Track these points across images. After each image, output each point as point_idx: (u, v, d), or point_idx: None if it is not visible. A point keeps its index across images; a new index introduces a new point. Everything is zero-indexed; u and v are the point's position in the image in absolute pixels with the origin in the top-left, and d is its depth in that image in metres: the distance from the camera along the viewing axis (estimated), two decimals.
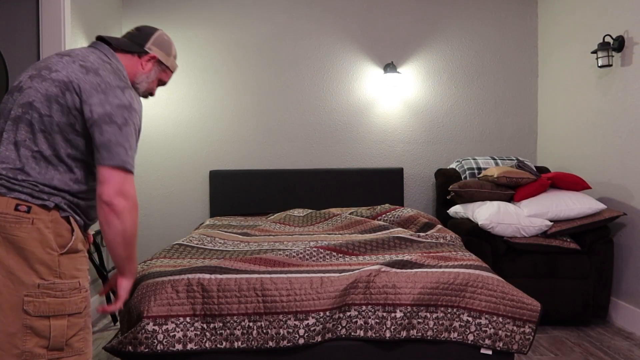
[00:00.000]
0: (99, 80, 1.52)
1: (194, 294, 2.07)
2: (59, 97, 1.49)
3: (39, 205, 1.43)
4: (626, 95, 3.28)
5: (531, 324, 2.11)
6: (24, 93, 1.51)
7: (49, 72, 1.52)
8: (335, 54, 4.36)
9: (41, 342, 1.41)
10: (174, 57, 1.83)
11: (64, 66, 1.53)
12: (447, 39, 4.38)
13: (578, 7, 3.80)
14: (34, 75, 1.54)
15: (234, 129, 4.35)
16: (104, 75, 1.54)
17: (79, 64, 1.54)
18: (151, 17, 4.29)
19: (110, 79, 1.54)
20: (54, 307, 1.42)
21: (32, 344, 1.40)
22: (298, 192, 4.22)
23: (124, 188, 1.51)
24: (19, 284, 1.39)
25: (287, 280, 2.11)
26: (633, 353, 2.83)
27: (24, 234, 1.40)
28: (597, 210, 3.23)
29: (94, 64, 1.55)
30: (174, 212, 4.34)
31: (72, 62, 1.54)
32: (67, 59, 1.55)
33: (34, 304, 1.39)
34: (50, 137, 1.48)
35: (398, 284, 2.13)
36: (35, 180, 1.45)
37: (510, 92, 4.43)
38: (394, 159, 4.40)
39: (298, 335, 2.04)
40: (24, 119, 1.48)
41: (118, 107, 1.51)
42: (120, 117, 1.50)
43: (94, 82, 1.51)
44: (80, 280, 1.49)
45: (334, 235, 3.09)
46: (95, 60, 1.57)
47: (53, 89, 1.49)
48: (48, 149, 1.48)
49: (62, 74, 1.51)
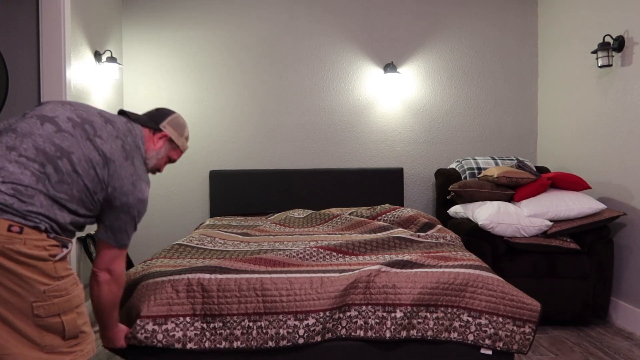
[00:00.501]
0: (132, 171, 1.68)
1: (194, 294, 2.07)
2: (97, 166, 1.61)
3: (31, 227, 1.49)
4: (626, 95, 3.28)
5: (531, 324, 2.11)
6: (63, 135, 1.58)
7: (93, 132, 1.63)
8: (335, 54, 4.36)
9: (57, 336, 1.52)
10: (185, 138, 1.98)
11: (108, 137, 1.66)
12: (447, 39, 4.38)
13: (578, 7, 3.80)
14: (76, 124, 1.62)
15: (234, 129, 4.35)
16: (137, 166, 1.71)
17: (121, 144, 1.68)
18: (151, 17, 4.29)
19: (141, 171, 1.72)
20: (63, 305, 1.52)
21: (50, 338, 1.50)
22: (298, 192, 4.22)
23: (112, 265, 1.74)
24: (26, 293, 1.46)
25: (287, 280, 2.11)
26: (633, 353, 2.83)
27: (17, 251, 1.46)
28: (597, 210, 3.23)
29: (132, 149, 1.71)
30: (174, 212, 4.34)
31: (116, 137, 1.68)
32: (110, 129, 1.68)
33: (44, 307, 1.48)
34: (69, 190, 1.57)
35: (398, 284, 2.12)
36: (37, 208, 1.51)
37: (510, 92, 4.43)
38: (394, 159, 4.40)
39: (298, 335, 2.04)
40: (54, 161, 1.54)
41: (139, 201, 1.70)
42: (135, 211, 1.70)
43: (129, 172, 1.67)
44: (74, 275, 1.61)
45: (334, 236, 3.09)
46: (132, 144, 1.73)
47: (96, 156, 1.61)
48: (63, 197, 1.56)
49: (106, 147, 1.64)
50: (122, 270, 1.78)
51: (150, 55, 4.31)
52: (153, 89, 4.32)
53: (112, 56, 3.81)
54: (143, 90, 4.32)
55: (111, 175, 1.63)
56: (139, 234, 4.31)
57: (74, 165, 1.57)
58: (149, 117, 1.89)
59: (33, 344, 1.48)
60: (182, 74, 4.33)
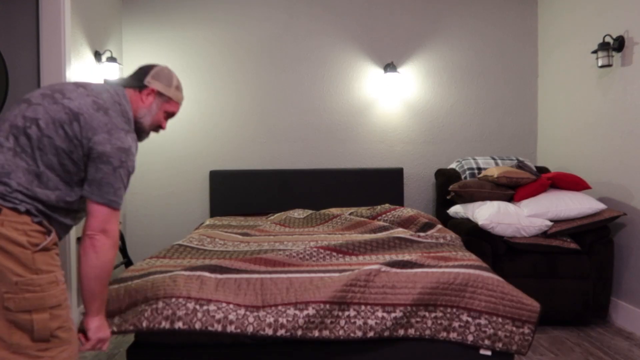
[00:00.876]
0: (106, 120, 1.60)
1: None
2: (65, 124, 1.56)
3: (10, 208, 1.47)
4: (626, 95, 3.27)
5: (530, 324, 2.11)
6: (32, 107, 1.57)
7: (62, 96, 1.60)
8: (335, 54, 4.36)
9: (25, 335, 1.45)
10: (175, 87, 1.88)
11: (78, 96, 1.61)
12: (447, 39, 4.38)
13: (578, 7, 3.79)
14: (46, 95, 1.60)
15: (234, 129, 4.35)
16: (113, 116, 1.62)
17: (92, 99, 1.62)
18: (151, 17, 4.29)
19: (118, 121, 1.63)
20: (34, 302, 1.46)
21: (18, 337, 1.44)
22: (298, 192, 4.22)
23: (107, 226, 1.60)
24: None
25: (288, 280, 2.10)
26: (633, 353, 2.83)
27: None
28: (597, 210, 3.23)
29: (105, 103, 1.64)
30: (174, 212, 4.34)
31: (87, 95, 1.63)
32: (82, 91, 1.64)
33: (14, 300, 1.43)
34: (45, 157, 1.54)
35: (398, 284, 2.12)
36: (15, 185, 1.49)
37: (510, 92, 4.43)
38: (394, 159, 4.40)
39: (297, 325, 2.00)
40: (25, 132, 1.54)
41: (118, 149, 1.59)
42: (116, 160, 1.59)
43: (102, 121, 1.59)
44: (56, 274, 1.54)
45: (334, 236, 3.09)
46: (108, 99, 1.66)
47: (62, 115, 1.57)
48: (42, 166, 1.54)
49: (74, 103, 1.59)
50: (117, 233, 1.64)
51: (150, 55, 4.31)
52: None
53: (112, 56, 3.82)
54: None
55: (82, 127, 1.56)
56: (139, 234, 4.32)
57: (42, 130, 1.54)
58: (132, 77, 1.83)
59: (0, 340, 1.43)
60: (182, 74, 4.32)
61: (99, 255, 1.58)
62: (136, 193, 4.32)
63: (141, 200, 4.32)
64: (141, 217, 4.32)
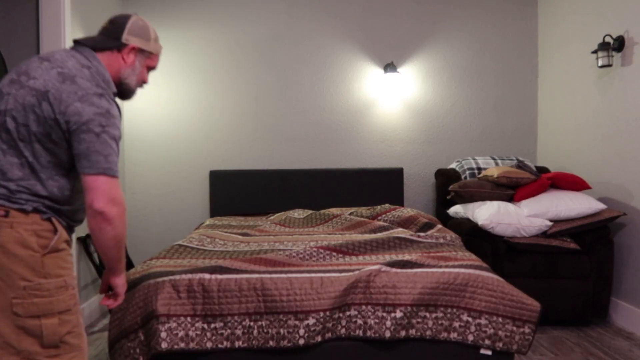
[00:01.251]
0: (75, 89, 1.49)
1: (194, 294, 2.07)
2: (35, 107, 1.48)
3: (17, 209, 1.45)
4: (626, 95, 3.28)
5: (531, 324, 2.11)
6: (4, 99, 1.51)
7: (27, 78, 1.51)
8: (335, 54, 4.36)
9: (35, 340, 1.43)
10: (154, 40, 1.75)
11: (42, 73, 1.51)
12: (447, 39, 4.38)
13: (578, 7, 3.80)
14: (13, 81, 1.53)
15: (234, 129, 4.35)
16: (81, 83, 1.51)
17: (57, 71, 1.51)
18: (151, 17, 4.29)
19: (87, 86, 1.51)
20: (43, 307, 1.44)
21: (28, 343, 1.42)
22: (298, 192, 4.22)
23: (113, 195, 1.50)
24: (6, 287, 1.41)
25: (288, 280, 2.11)
26: (633, 353, 2.83)
27: (3, 237, 1.42)
28: (597, 210, 3.23)
29: (71, 70, 1.52)
30: (174, 212, 4.34)
31: (51, 68, 1.52)
32: (46, 65, 1.53)
33: (23, 305, 1.41)
34: (29, 146, 1.48)
35: (398, 284, 2.13)
36: (15, 185, 1.47)
37: (510, 92, 4.43)
38: (394, 159, 4.40)
39: (298, 335, 2.04)
40: (4, 127, 1.49)
41: (95, 114, 1.49)
42: (97, 126, 1.48)
43: (71, 91, 1.49)
44: (66, 279, 1.50)
45: (334, 236, 3.10)
46: (74, 66, 1.54)
47: (30, 98, 1.48)
48: (30, 157, 1.49)
49: (39, 82, 1.49)
50: (123, 198, 1.55)
51: None
52: (153, 89, 4.32)
53: None
54: (143, 90, 4.32)
55: (53, 104, 1.47)
56: (139, 234, 4.32)
57: (17, 120, 1.48)
58: (107, 34, 1.67)
59: (9, 346, 1.41)
60: (182, 74, 4.33)
61: (114, 226, 1.51)
62: (136, 193, 4.32)
63: (141, 200, 4.32)
64: (141, 217, 4.32)
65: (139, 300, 2.10)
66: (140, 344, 2.04)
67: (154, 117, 4.31)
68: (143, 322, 2.06)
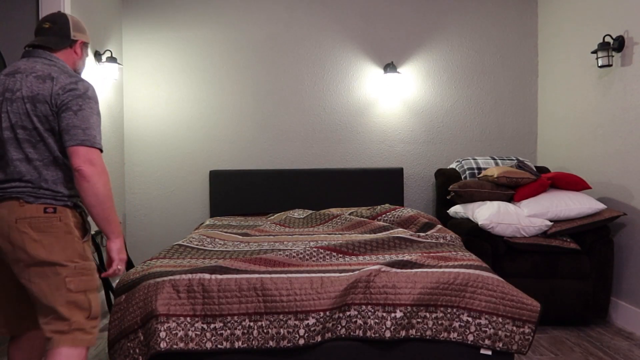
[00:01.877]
0: (53, 83, 1.76)
1: (194, 294, 2.07)
2: (33, 111, 1.75)
3: (62, 206, 1.78)
4: (626, 95, 3.28)
5: (531, 324, 2.11)
6: (2, 119, 1.77)
7: (12, 93, 1.77)
8: (335, 54, 4.36)
9: (84, 313, 1.76)
10: (87, 30, 2.05)
11: (22, 83, 1.77)
12: (447, 39, 4.38)
13: (578, 7, 3.80)
14: (1, 102, 1.78)
15: (234, 129, 4.35)
16: (57, 77, 1.78)
17: (32, 77, 1.77)
18: (151, 17, 4.29)
19: (63, 77, 1.78)
20: (87, 284, 1.78)
21: (77, 316, 1.74)
22: (298, 192, 4.22)
23: (90, 157, 1.75)
24: (61, 269, 1.73)
25: (287, 280, 2.11)
26: (633, 353, 2.83)
27: (56, 229, 1.75)
28: (597, 210, 3.23)
29: (44, 71, 1.79)
30: (174, 212, 4.34)
31: (26, 76, 1.78)
32: (19, 76, 1.78)
33: (74, 282, 1.74)
34: (45, 144, 1.77)
35: (398, 284, 2.13)
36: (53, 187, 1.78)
37: (510, 92, 4.43)
38: (394, 159, 4.40)
39: (298, 335, 2.04)
40: (19, 139, 1.76)
41: (73, 97, 1.75)
42: (74, 105, 1.75)
43: (50, 86, 1.76)
44: (92, 263, 1.83)
45: (334, 236, 3.09)
46: (43, 68, 1.80)
47: (25, 105, 1.75)
48: (51, 153, 1.78)
49: (25, 91, 1.75)
50: (103, 163, 1.79)
51: (150, 55, 4.31)
52: (153, 89, 4.32)
53: (112, 56, 3.81)
54: (143, 90, 4.32)
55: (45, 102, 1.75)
56: (139, 234, 4.32)
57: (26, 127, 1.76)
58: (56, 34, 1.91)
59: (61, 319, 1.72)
60: (182, 74, 4.33)
61: (91, 183, 1.74)
62: (136, 193, 4.32)
63: (141, 200, 4.32)
64: (141, 217, 4.32)
65: (138, 300, 2.10)
66: (140, 343, 2.04)
67: (154, 117, 4.31)
68: (143, 322, 2.06)
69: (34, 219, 1.73)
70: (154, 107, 4.32)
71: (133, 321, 2.08)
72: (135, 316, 2.08)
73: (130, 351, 2.05)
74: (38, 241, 1.71)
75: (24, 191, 1.75)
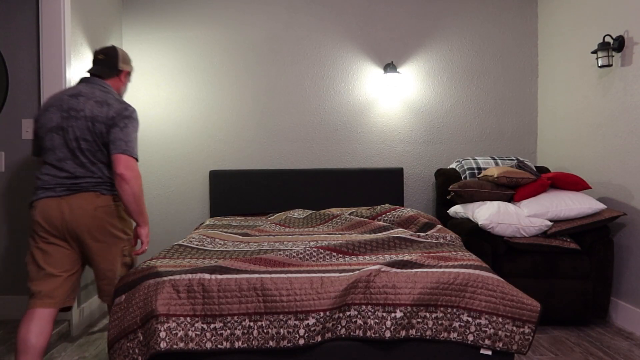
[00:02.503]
0: (109, 109, 2.27)
1: (194, 294, 2.07)
2: (91, 128, 2.25)
3: (112, 195, 2.32)
4: (626, 95, 3.28)
5: (531, 324, 2.11)
6: (69, 131, 2.24)
7: (77, 112, 2.25)
8: (335, 54, 4.36)
9: (126, 269, 2.39)
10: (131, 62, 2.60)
11: (85, 105, 2.26)
12: (447, 39, 4.38)
13: (578, 7, 3.80)
14: (66, 117, 2.25)
15: (234, 129, 4.35)
16: (112, 103, 2.29)
17: (94, 101, 2.27)
18: (151, 17, 4.29)
19: (115, 102, 2.30)
20: (131, 249, 2.43)
21: (123, 271, 2.37)
22: (298, 192, 4.22)
23: (129, 164, 2.24)
24: (120, 241, 2.35)
25: (287, 280, 2.11)
26: (633, 353, 2.83)
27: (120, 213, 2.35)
28: (597, 210, 3.23)
29: (102, 97, 2.30)
30: (174, 212, 4.34)
31: (88, 100, 2.27)
32: (83, 99, 2.27)
33: (127, 249, 2.40)
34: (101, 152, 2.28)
35: (398, 284, 2.12)
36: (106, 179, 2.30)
37: (510, 92, 4.43)
38: (394, 159, 4.40)
39: (298, 336, 2.04)
40: (82, 148, 2.25)
41: (121, 118, 2.27)
42: (121, 123, 2.26)
43: (107, 110, 2.26)
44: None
45: (334, 236, 3.09)
46: (101, 95, 2.31)
47: (88, 123, 2.24)
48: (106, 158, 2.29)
49: (87, 112, 2.25)
50: (138, 169, 2.28)
51: (150, 55, 4.31)
52: (153, 89, 4.32)
53: None
54: (143, 90, 4.32)
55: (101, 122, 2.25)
56: None
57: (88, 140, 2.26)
58: (106, 66, 2.43)
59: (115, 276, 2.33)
60: (182, 74, 4.33)
61: (130, 184, 2.23)
62: None
63: None
64: None
65: (138, 300, 2.10)
66: (140, 344, 2.04)
67: (154, 117, 4.31)
68: (142, 322, 2.06)
69: (108, 207, 2.28)
70: (154, 107, 4.32)
71: (133, 321, 2.07)
72: (135, 316, 2.08)
73: (130, 351, 2.05)
74: (112, 224, 2.29)
75: (99, 184, 2.26)
